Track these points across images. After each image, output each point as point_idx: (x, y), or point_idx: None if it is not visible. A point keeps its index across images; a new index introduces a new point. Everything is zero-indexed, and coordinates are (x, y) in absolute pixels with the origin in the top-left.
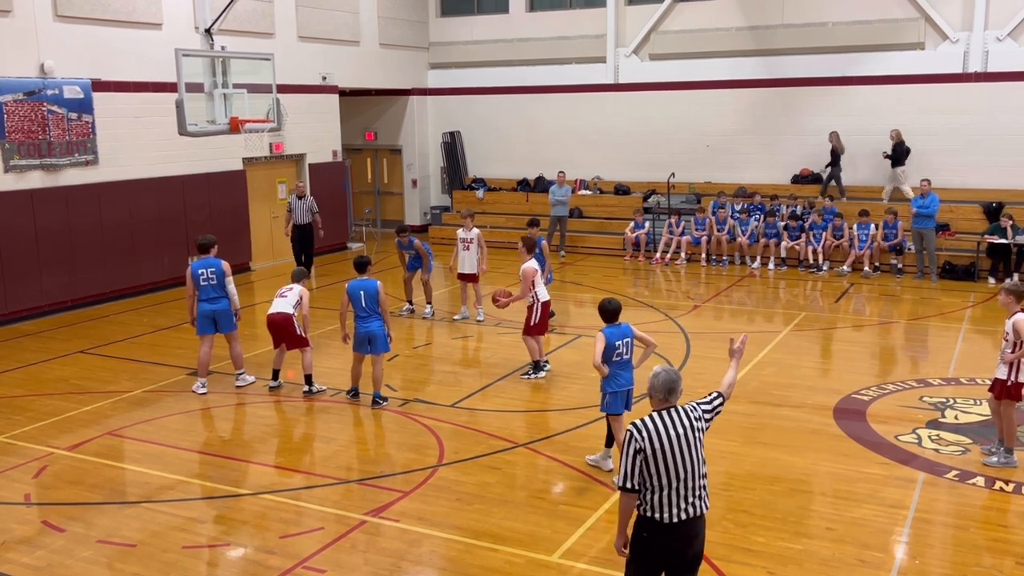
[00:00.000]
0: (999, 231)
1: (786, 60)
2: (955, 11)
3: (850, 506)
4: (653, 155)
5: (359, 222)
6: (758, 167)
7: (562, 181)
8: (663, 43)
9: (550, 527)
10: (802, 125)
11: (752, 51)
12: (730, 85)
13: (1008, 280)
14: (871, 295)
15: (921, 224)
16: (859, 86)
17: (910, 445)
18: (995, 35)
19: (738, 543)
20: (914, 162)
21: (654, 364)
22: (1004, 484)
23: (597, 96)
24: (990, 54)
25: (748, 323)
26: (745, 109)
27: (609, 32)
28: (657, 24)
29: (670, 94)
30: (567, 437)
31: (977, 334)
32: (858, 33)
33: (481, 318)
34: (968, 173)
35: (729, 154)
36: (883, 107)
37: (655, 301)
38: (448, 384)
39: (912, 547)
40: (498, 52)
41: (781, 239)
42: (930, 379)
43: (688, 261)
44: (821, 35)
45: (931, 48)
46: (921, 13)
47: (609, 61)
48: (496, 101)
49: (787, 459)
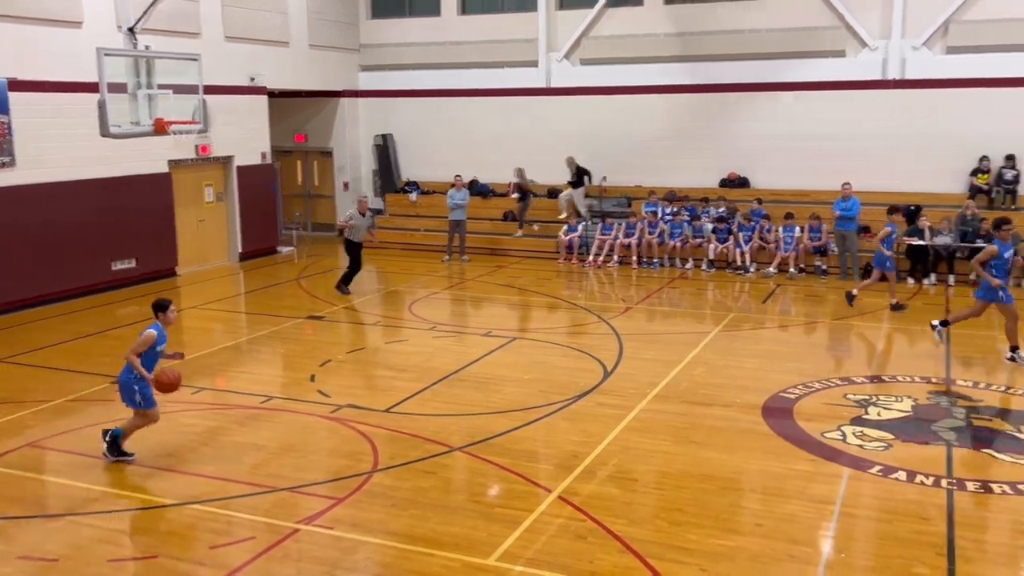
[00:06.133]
0: (917, 233)
1: (714, 66)
2: (874, 20)
3: (779, 502)
4: (585, 158)
5: (289, 226)
6: (687, 171)
7: (460, 185)
8: (594, 48)
9: (486, 530)
10: (730, 130)
11: (681, 57)
12: (660, 90)
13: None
14: (797, 296)
15: (843, 226)
16: (782, 92)
17: (835, 442)
18: (911, 44)
19: (672, 541)
20: (836, 166)
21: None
22: (924, 478)
23: (530, 100)
24: (907, 62)
25: (680, 324)
26: (675, 114)
27: (541, 36)
28: (588, 29)
29: (602, 98)
30: (503, 440)
31: (897, 333)
32: (782, 40)
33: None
34: (887, 177)
35: (660, 158)
36: (807, 112)
37: (588, 303)
38: (382, 389)
39: (838, 541)
40: (430, 55)
41: (710, 242)
42: (854, 377)
43: (620, 264)
44: (747, 42)
45: (852, 55)
46: (842, 21)
47: (541, 65)
48: (429, 104)
49: (718, 458)
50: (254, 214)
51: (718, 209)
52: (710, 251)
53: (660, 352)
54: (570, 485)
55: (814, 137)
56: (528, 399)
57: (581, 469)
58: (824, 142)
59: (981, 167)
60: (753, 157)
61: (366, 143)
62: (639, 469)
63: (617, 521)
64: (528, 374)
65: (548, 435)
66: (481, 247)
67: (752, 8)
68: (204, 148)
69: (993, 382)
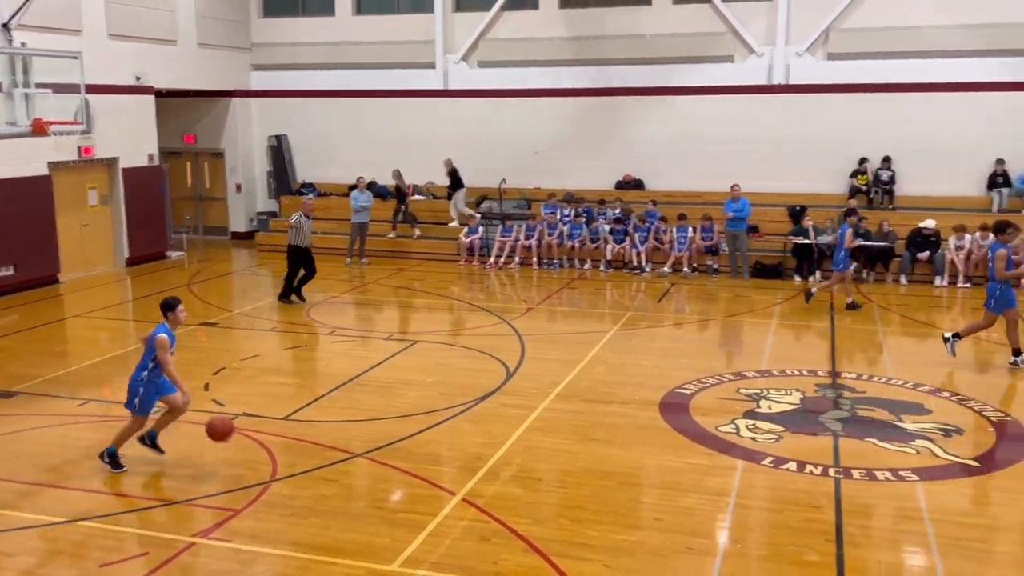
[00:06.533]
0: (802, 232)
1: (610, 70)
2: (760, 27)
3: (677, 496)
4: (485, 160)
5: (179, 229)
6: (585, 172)
7: (363, 187)
8: (492, 50)
9: (389, 536)
10: (625, 133)
11: (577, 60)
12: (558, 93)
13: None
14: (690, 294)
15: (734, 227)
16: (675, 96)
17: (729, 435)
18: (795, 50)
19: (574, 538)
20: (726, 168)
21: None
22: (813, 468)
23: (428, 101)
24: (791, 67)
25: (579, 324)
26: (572, 116)
27: (437, 38)
28: (485, 31)
29: (500, 101)
30: (406, 444)
31: (785, 328)
32: (675, 45)
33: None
34: (774, 178)
35: (558, 160)
36: (698, 115)
37: (490, 304)
38: (280, 396)
39: (734, 532)
40: (325, 55)
41: (607, 243)
42: (746, 372)
43: (521, 265)
44: (641, 47)
45: (740, 61)
46: (730, 28)
47: (439, 67)
48: (325, 104)
49: (618, 454)
50: (141, 218)
51: (614, 211)
52: (608, 252)
53: (561, 352)
54: (474, 487)
55: (705, 140)
56: (431, 402)
57: (485, 471)
58: (715, 145)
59: (860, 169)
60: (648, 159)
61: (259, 144)
62: (542, 468)
63: (521, 521)
64: (430, 377)
65: (451, 438)
66: (381, 250)
67: (645, 13)
68: (87, 149)
69: (875, 374)
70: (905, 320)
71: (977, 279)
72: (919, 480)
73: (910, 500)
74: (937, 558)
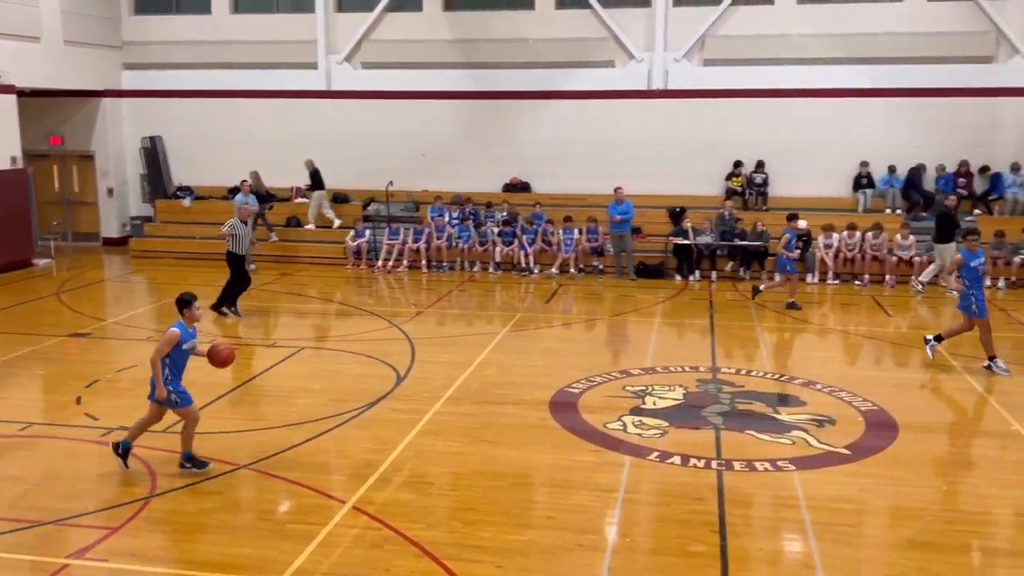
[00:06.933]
0: (682, 233)
1: (495, 73)
2: (639, 33)
3: (567, 494)
4: (371, 163)
5: (46, 236)
6: (473, 175)
7: (247, 190)
8: (375, 52)
9: (278, 548)
10: (512, 136)
11: (463, 63)
12: (444, 96)
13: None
14: (577, 295)
15: (619, 228)
16: (559, 100)
17: (617, 432)
18: (673, 56)
19: (466, 541)
20: (610, 171)
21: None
22: (697, 461)
23: (311, 103)
24: (670, 73)
25: (470, 326)
26: (459, 119)
27: (320, 38)
28: (368, 32)
29: (386, 103)
30: (293, 453)
31: (668, 326)
32: (558, 50)
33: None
34: (654, 181)
35: (445, 163)
36: (581, 119)
37: (379, 309)
38: None
39: (623, 527)
40: (201, 54)
41: (495, 245)
42: (631, 370)
43: (410, 268)
44: (525, 51)
45: (621, 66)
46: (610, 34)
47: (321, 68)
48: (202, 105)
49: (509, 455)
50: (5, 224)
51: (502, 213)
52: (496, 254)
53: (452, 354)
54: (365, 494)
55: (589, 143)
56: (319, 410)
57: (376, 477)
58: (598, 148)
59: (735, 171)
60: (534, 162)
61: (132, 146)
62: (434, 472)
63: (413, 526)
64: (318, 384)
65: (341, 445)
66: (267, 255)
67: (529, 18)
68: None
69: (753, 368)
70: (780, 316)
71: (845, 276)
72: (795, 469)
73: (787, 489)
74: (813, 543)
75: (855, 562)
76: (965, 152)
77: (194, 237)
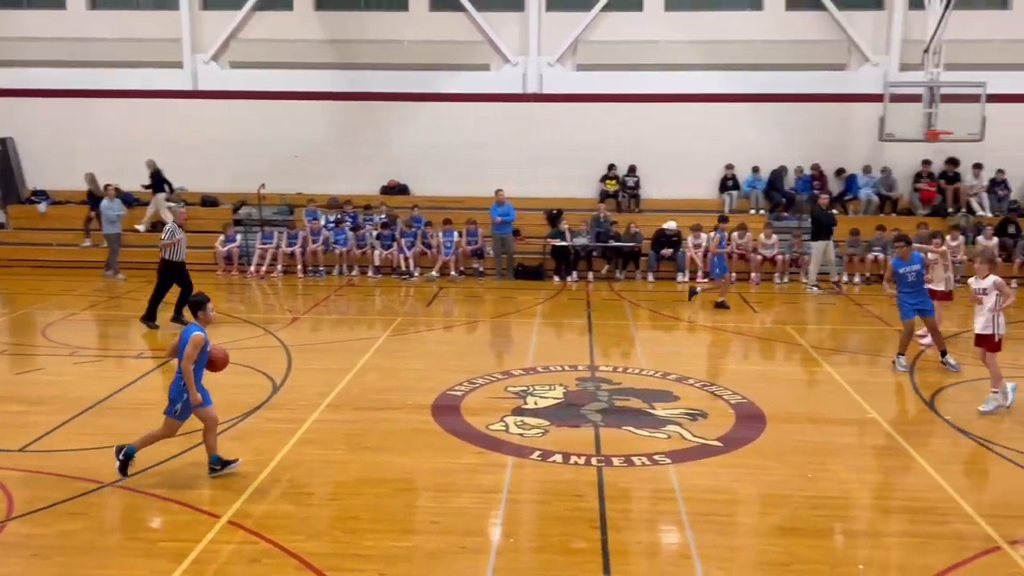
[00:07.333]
0: (559, 235)
1: (370, 75)
2: (513, 37)
3: (451, 497)
4: (242, 165)
5: None
6: (349, 178)
7: (112, 195)
8: (244, 51)
9: (148, 568)
10: (388, 138)
11: (336, 64)
12: (317, 96)
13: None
14: (458, 297)
15: (501, 230)
16: (435, 102)
17: (499, 432)
18: (547, 60)
19: (349, 550)
20: (488, 173)
21: None
22: (578, 458)
23: (177, 103)
24: (544, 77)
25: (349, 331)
26: (333, 121)
27: (185, 37)
28: (236, 31)
29: (256, 103)
30: (163, 469)
31: (548, 327)
32: (432, 52)
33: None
34: (531, 184)
35: (320, 165)
36: (457, 122)
37: (252, 316)
38: (14, 426)
39: (506, 527)
40: (56, 51)
41: (374, 248)
42: (513, 371)
43: (285, 273)
44: (399, 53)
45: (496, 69)
46: (484, 37)
47: (187, 67)
48: (58, 104)
49: (391, 460)
50: None
51: (380, 216)
52: (375, 257)
53: (330, 361)
54: (241, 508)
55: (466, 146)
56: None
57: (252, 489)
58: (475, 151)
59: (609, 174)
60: (411, 164)
61: None
62: (314, 482)
63: (293, 538)
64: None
65: None
66: (132, 261)
67: (402, 20)
68: None
69: (629, 365)
70: (654, 314)
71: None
72: (671, 463)
73: (664, 482)
74: (689, 533)
75: (729, 550)
76: (822, 155)
77: (51, 244)
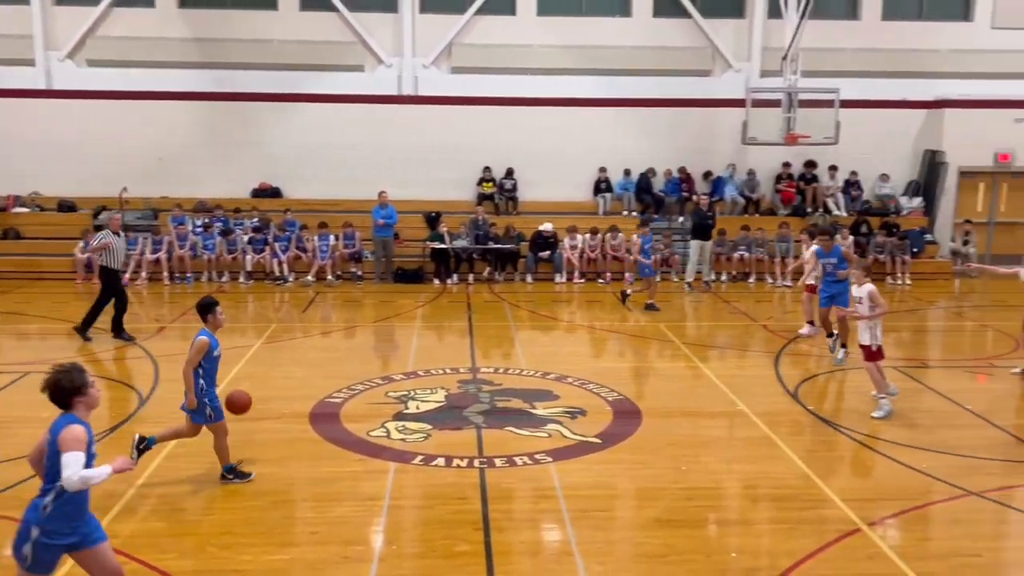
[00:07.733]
0: (438, 238)
1: (237, 74)
2: (387, 38)
3: (331, 506)
4: (102, 168)
5: None
6: (217, 181)
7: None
8: (102, 49)
9: None
10: (259, 139)
11: (202, 63)
12: (181, 96)
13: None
14: (336, 302)
15: (383, 233)
16: (308, 103)
17: (380, 439)
18: (422, 62)
19: (225, 567)
20: (365, 176)
21: None
22: (460, 461)
23: (28, 102)
24: (419, 79)
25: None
26: (200, 122)
27: (36, 33)
28: (93, 28)
29: (116, 103)
30: (20, 491)
31: (429, 330)
32: (304, 53)
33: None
34: (408, 186)
35: (186, 167)
36: (332, 123)
37: None
38: None
39: (389, 534)
40: None
41: (246, 253)
42: (394, 375)
43: (150, 280)
44: (270, 52)
45: (370, 71)
46: (358, 38)
47: (40, 65)
48: None
49: (269, 472)
50: None
51: (252, 220)
52: (247, 263)
53: None
54: (107, 527)
55: (341, 148)
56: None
57: (119, 508)
58: (351, 153)
59: (486, 177)
60: (284, 167)
61: None
62: (186, 497)
63: (164, 557)
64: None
65: None
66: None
67: (271, 19)
68: None
69: (510, 366)
70: (533, 315)
71: (590, 275)
72: (552, 461)
73: (545, 481)
74: (570, 530)
75: (608, 544)
76: (689, 158)
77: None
